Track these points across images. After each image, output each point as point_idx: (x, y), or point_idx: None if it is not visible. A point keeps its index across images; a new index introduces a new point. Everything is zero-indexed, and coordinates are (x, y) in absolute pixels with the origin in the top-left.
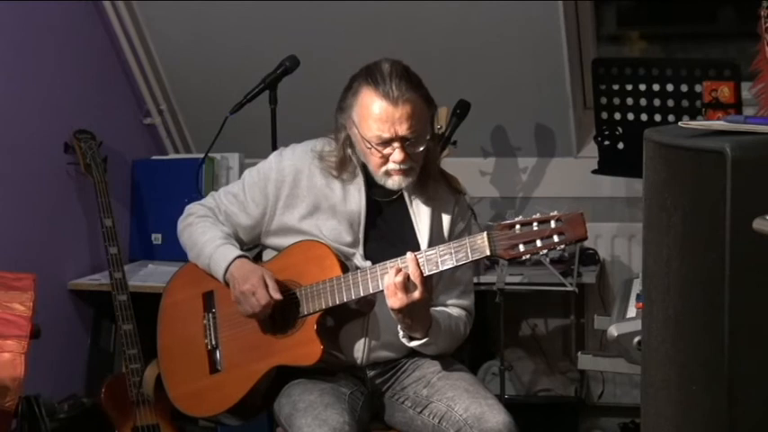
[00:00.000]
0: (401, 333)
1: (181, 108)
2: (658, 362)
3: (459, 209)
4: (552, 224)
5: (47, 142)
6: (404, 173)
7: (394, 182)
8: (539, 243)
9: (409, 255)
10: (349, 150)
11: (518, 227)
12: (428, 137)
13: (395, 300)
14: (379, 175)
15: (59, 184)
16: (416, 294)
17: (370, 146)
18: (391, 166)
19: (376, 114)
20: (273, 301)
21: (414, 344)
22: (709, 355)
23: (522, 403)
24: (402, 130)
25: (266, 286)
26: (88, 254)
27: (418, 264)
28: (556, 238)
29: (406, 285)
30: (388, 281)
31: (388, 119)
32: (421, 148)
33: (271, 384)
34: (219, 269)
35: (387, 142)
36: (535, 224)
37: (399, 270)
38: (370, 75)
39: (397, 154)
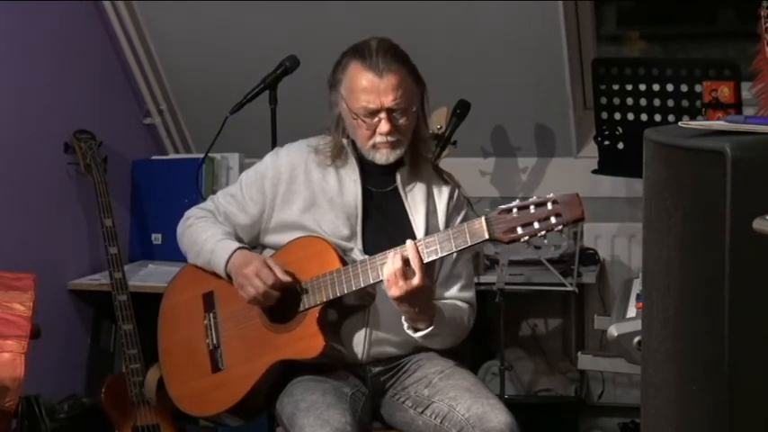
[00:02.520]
0: (405, 325)
1: (181, 108)
2: (658, 362)
3: (455, 201)
4: (549, 206)
5: (47, 142)
6: (391, 145)
7: (382, 155)
8: (536, 225)
9: (409, 242)
10: (344, 140)
11: (515, 210)
12: (414, 109)
13: (395, 288)
14: (366, 148)
15: (59, 184)
16: (416, 281)
17: (356, 117)
18: (378, 138)
19: (362, 86)
20: (279, 282)
21: (419, 334)
22: (709, 355)
23: (522, 403)
24: (388, 101)
25: (269, 267)
26: (88, 254)
27: (417, 250)
28: (553, 220)
29: (406, 272)
30: (388, 269)
31: (374, 90)
32: (407, 120)
33: (273, 383)
34: (221, 261)
35: (373, 113)
36: (532, 207)
37: (398, 256)
38: (357, 50)
39: (383, 125)
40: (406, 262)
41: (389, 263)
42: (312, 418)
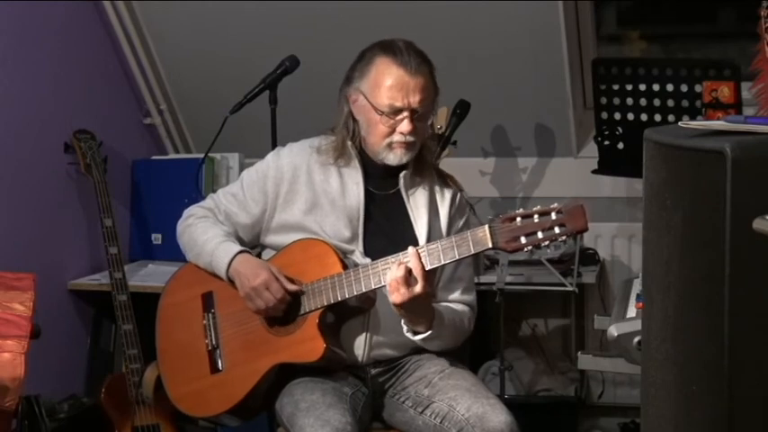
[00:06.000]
0: (405, 328)
1: (181, 108)
2: (658, 362)
3: (457, 205)
4: (553, 216)
5: (47, 142)
6: (406, 146)
7: (395, 155)
8: (540, 235)
9: (411, 249)
10: (349, 142)
11: (519, 219)
12: (432, 114)
13: (397, 295)
14: (381, 147)
15: (59, 184)
16: (418, 289)
17: (380, 113)
18: (397, 137)
19: (392, 82)
20: (288, 296)
21: (418, 338)
22: (709, 355)
23: (522, 403)
24: (415, 101)
25: (278, 280)
26: (88, 254)
27: (420, 258)
28: (557, 230)
29: (408, 280)
30: (391, 276)
31: (403, 87)
32: (425, 123)
33: (272, 384)
34: (222, 264)
35: (397, 111)
36: (536, 216)
37: (401, 264)
38: (385, 47)
39: (405, 124)
40: (408, 270)
41: (392, 270)
42: (312, 419)
